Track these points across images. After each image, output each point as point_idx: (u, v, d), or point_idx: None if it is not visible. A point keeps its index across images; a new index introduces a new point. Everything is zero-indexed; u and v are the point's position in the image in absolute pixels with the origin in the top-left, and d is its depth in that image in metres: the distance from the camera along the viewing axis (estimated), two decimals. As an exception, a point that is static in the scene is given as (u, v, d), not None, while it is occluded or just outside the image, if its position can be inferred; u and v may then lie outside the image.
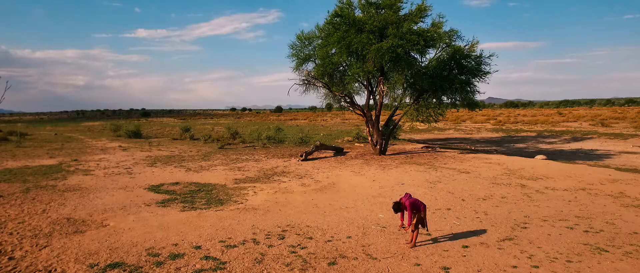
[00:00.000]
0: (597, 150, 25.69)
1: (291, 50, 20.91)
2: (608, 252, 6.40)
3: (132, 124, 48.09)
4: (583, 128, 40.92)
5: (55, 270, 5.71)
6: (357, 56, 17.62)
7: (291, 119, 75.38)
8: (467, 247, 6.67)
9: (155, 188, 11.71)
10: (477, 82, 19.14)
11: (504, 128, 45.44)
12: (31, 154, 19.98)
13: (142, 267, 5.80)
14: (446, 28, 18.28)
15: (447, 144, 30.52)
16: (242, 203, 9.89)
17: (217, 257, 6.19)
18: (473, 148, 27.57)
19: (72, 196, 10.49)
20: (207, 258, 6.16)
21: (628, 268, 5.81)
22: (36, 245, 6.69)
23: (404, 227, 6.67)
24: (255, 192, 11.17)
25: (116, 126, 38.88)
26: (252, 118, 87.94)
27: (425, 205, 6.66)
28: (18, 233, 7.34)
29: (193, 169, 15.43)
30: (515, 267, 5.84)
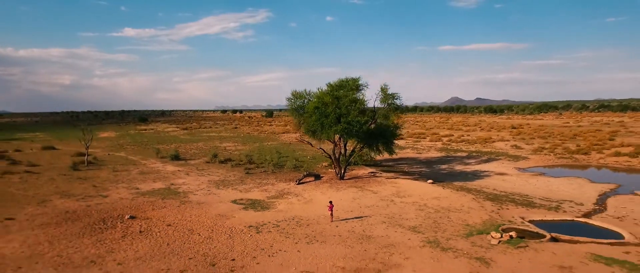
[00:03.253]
0: (485, 172, 43.14)
1: (287, 101, 38.68)
2: (382, 225, 23.83)
3: (155, 139, 64.41)
4: (503, 149, 58.90)
5: (236, 228, 22.88)
6: (327, 127, 35.02)
7: (284, 132, 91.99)
8: (346, 222, 24.05)
9: (235, 201, 28.90)
10: (394, 139, 36.97)
11: (449, 147, 63.37)
12: (139, 180, 37.00)
13: (260, 228, 23.03)
14: (391, 91, 36.16)
15: (393, 166, 47.98)
16: (275, 208, 27.18)
17: (276, 225, 23.49)
18: (406, 169, 45.12)
19: (204, 206, 27.64)
20: (273, 225, 23.45)
21: (374, 225, 23.19)
22: (220, 221, 23.88)
23: (329, 209, 24.01)
24: (279, 203, 28.45)
25: (157, 149, 55.62)
26: (249, 129, 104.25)
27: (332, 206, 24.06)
28: (207, 219, 24.52)
29: (242, 190, 32.67)
30: (354, 226, 23.22)
